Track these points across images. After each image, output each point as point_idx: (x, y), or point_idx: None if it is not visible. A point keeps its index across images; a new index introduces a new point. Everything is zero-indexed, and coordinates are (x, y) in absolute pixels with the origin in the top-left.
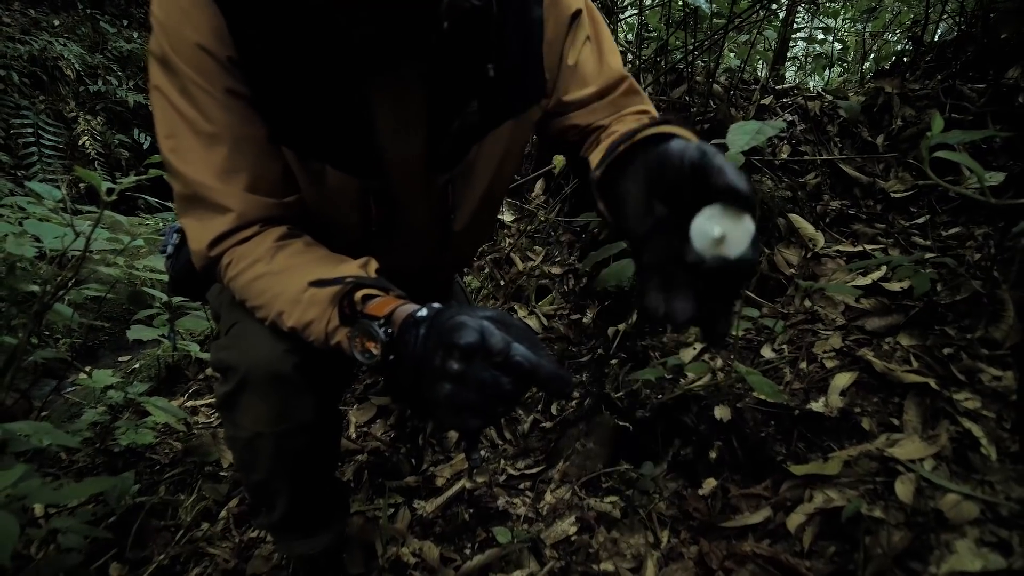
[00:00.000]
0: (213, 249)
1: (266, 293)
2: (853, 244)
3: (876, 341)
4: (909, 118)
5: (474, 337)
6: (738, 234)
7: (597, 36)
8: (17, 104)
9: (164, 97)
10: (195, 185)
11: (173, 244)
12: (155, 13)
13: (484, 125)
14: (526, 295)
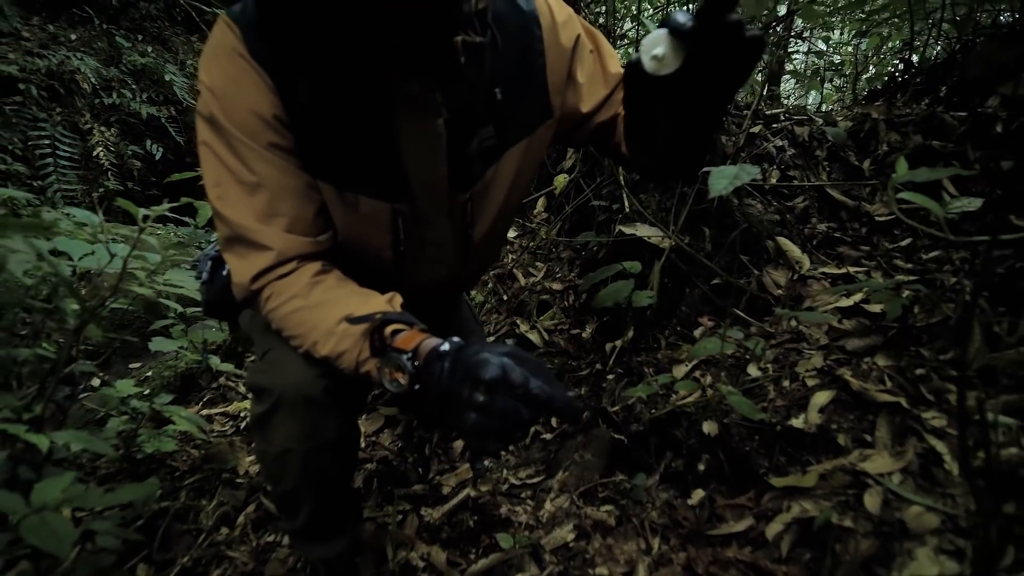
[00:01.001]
0: (255, 283)
1: (303, 325)
2: (838, 266)
3: (855, 361)
4: (894, 143)
5: (497, 372)
6: (673, 56)
7: (598, 47)
8: (35, 117)
9: (212, 152)
10: (238, 227)
11: (207, 270)
12: (203, 79)
13: (500, 147)
14: (528, 310)
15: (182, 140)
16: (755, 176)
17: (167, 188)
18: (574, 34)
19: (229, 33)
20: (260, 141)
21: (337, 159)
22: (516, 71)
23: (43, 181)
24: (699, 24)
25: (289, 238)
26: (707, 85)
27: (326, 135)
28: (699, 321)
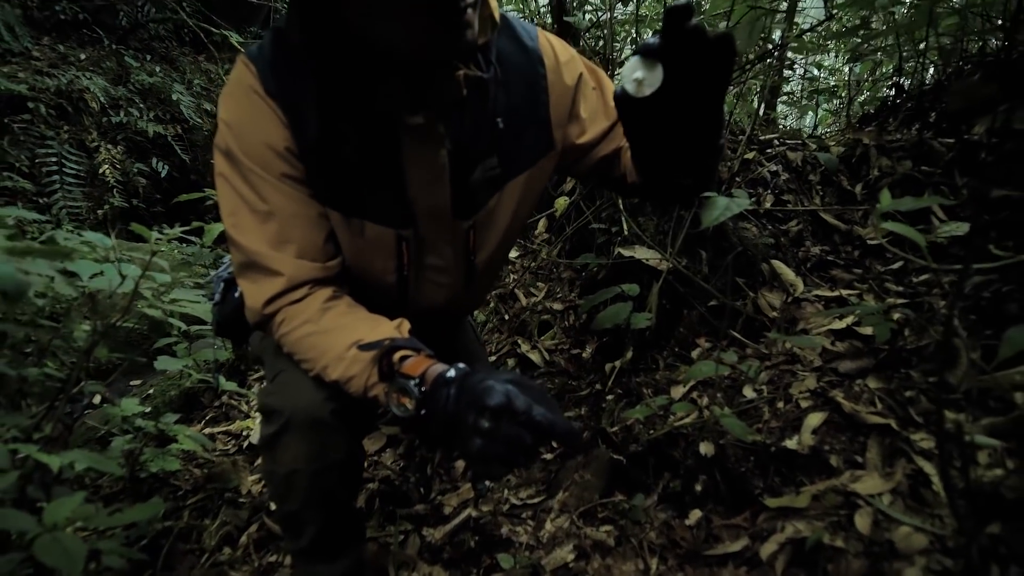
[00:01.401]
0: (267, 307)
1: (314, 350)
2: (831, 289)
3: (847, 383)
4: (885, 168)
5: (502, 400)
6: (652, 76)
7: (600, 84)
8: (43, 135)
9: (228, 183)
10: (252, 253)
11: (220, 292)
12: (222, 115)
13: (503, 177)
14: (529, 330)
15: (187, 158)
16: (745, 207)
17: (172, 206)
18: (576, 72)
19: (247, 72)
20: (273, 172)
21: (344, 188)
22: (520, 105)
23: (49, 198)
24: (664, 40)
25: (300, 263)
26: (694, 91)
27: (334, 165)
28: (696, 342)
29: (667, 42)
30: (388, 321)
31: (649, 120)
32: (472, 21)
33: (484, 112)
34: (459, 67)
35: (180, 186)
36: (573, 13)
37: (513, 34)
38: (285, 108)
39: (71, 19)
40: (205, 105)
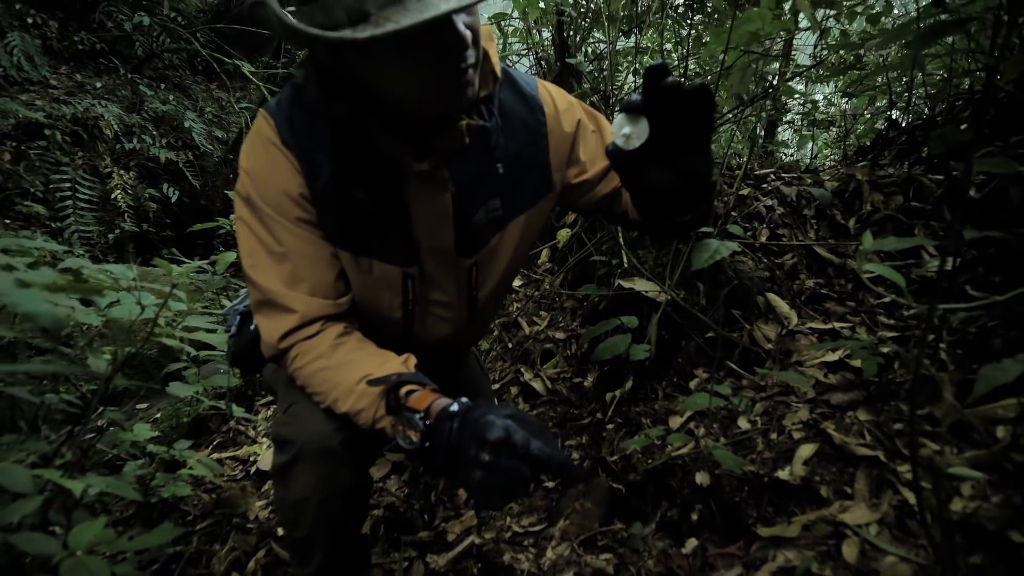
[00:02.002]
0: (282, 342)
1: (326, 383)
2: (824, 322)
3: (839, 414)
4: (877, 203)
5: (501, 434)
6: (638, 130)
7: (599, 127)
8: (58, 160)
9: (247, 226)
10: (267, 291)
11: (235, 325)
12: (243, 164)
13: (505, 217)
14: (532, 358)
15: (197, 184)
16: (734, 249)
17: (182, 232)
18: (575, 118)
19: (266, 125)
20: (288, 216)
21: (354, 229)
22: (521, 150)
23: (61, 223)
24: (645, 97)
25: (312, 301)
26: (680, 140)
27: (345, 208)
28: (694, 373)
29: (648, 98)
30: (396, 357)
31: (642, 169)
32: (472, 80)
33: (486, 158)
34: (462, 118)
35: (190, 211)
36: (574, 54)
37: (514, 86)
38: (300, 157)
39: (89, 49)
40: (216, 132)
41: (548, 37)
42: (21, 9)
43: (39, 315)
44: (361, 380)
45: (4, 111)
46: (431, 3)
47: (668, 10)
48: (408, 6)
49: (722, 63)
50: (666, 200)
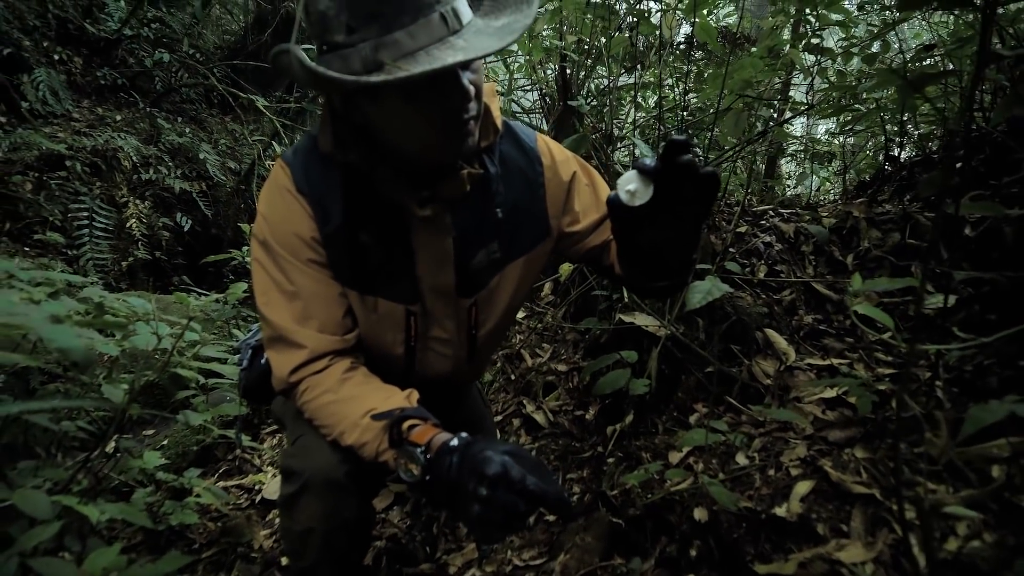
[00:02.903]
0: (292, 376)
1: (332, 417)
2: (823, 358)
3: (836, 451)
4: (875, 240)
5: (499, 469)
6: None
7: (592, 181)
8: (76, 190)
9: (262, 267)
10: (279, 328)
11: (247, 358)
12: (261, 209)
13: (503, 260)
14: (534, 390)
15: (210, 213)
16: (725, 291)
17: (193, 260)
18: (571, 171)
19: (283, 173)
20: (300, 258)
21: (361, 269)
22: (519, 198)
23: (78, 251)
24: (660, 164)
25: (321, 337)
26: (677, 212)
27: (353, 249)
28: (694, 407)
29: (663, 167)
30: (400, 392)
31: (634, 227)
32: (473, 131)
33: (486, 204)
34: (464, 167)
35: (201, 240)
36: (576, 96)
37: (515, 138)
38: (313, 203)
39: (111, 84)
40: (229, 163)
41: (552, 73)
42: (48, 47)
43: (72, 350)
44: (366, 414)
45: (28, 143)
46: (439, 57)
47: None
48: (418, 59)
49: (717, 106)
50: (647, 261)
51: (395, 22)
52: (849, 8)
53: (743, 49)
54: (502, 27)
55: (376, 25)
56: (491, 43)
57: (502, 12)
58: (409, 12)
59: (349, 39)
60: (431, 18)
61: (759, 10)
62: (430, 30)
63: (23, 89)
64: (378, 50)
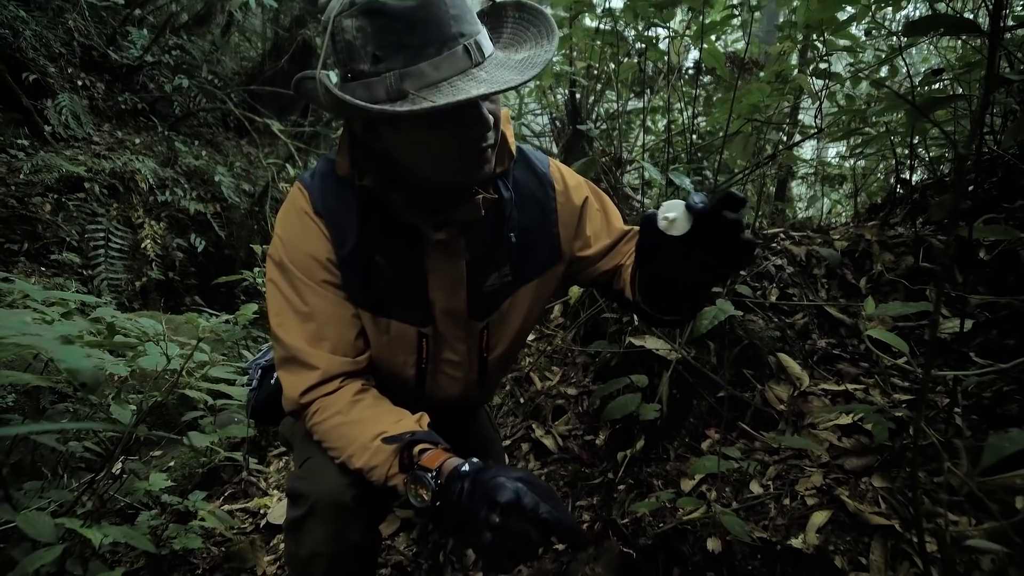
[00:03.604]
0: (303, 397)
1: (342, 439)
2: (838, 383)
3: (853, 480)
4: (888, 263)
5: (512, 496)
6: (682, 223)
7: (603, 207)
8: (94, 211)
9: (277, 288)
10: (292, 349)
11: (256, 378)
12: (277, 231)
13: (515, 283)
14: (543, 414)
15: (223, 234)
16: (731, 312)
17: (205, 280)
18: (583, 196)
19: (300, 196)
20: (315, 279)
21: (374, 290)
22: (532, 222)
23: (93, 271)
24: (709, 207)
25: (333, 359)
26: (701, 261)
27: (367, 271)
28: (706, 433)
29: (709, 211)
30: (410, 415)
31: (657, 253)
32: (490, 158)
33: (500, 228)
34: (479, 191)
35: (214, 260)
36: (585, 120)
37: (528, 163)
38: (329, 225)
39: (131, 108)
40: (244, 185)
41: (562, 98)
42: (73, 73)
43: (81, 371)
44: (376, 437)
45: (49, 165)
46: (463, 89)
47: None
48: (442, 90)
49: (726, 129)
50: (657, 290)
51: (421, 54)
52: (856, 33)
53: (751, 74)
54: (523, 61)
55: (402, 56)
56: (513, 77)
57: (522, 46)
58: (434, 44)
59: (375, 68)
60: (455, 51)
61: (767, 36)
62: (454, 62)
63: (46, 113)
64: (403, 80)
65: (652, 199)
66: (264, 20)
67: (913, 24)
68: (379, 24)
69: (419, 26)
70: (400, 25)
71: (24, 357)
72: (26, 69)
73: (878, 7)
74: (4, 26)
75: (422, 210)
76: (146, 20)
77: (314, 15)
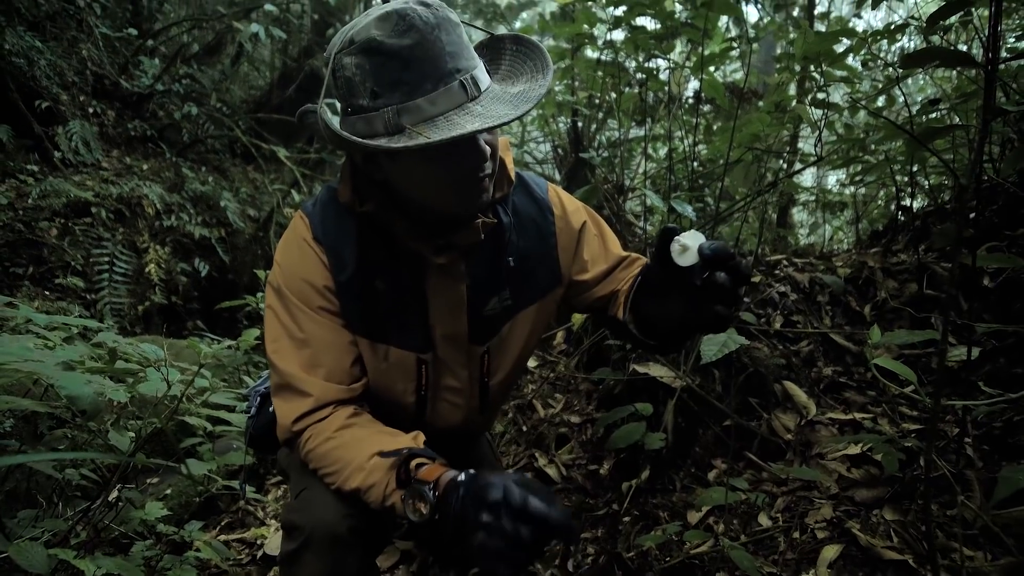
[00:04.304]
0: (295, 425)
1: (337, 462)
2: (845, 412)
3: (864, 513)
4: (892, 290)
5: (499, 493)
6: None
7: (601, 232)
8: (99, 236)
9: (275, 314)
10: (287, 375)
11: (255, 406)
12: (277, 258)
13: (515, 307)
14: (547, 442)
15: (227, 259)
16: (742, 343)
17: (208, 304)
18: (581, 220)
19: (301, 224)
20: (311, 305)
21: (373, 316)
22: (531, 247)
23: (96, 295)
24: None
25: (327, 386)
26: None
27: (366, 296)
28: (713, 463)
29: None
30: (405, 434)
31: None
32: (488, 187)
33: (499, 253)
34: (479, 216)
35: (218, 285)
36: (587, 148)
37: (527, 189)
38: (329, 252)
39: (140, 135)
40: (249, 211)
41: (564, 126)
42: (84, 100)
43: (81, 398)
44: (372, 456)
45: (57, 191)
46: (458, 124)
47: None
48: (438, 124)
49: (727, 157)
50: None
51: (417, 90)
52: (853, 64)
53: (750, 104)
54: (518, 94)
55: (399, 92)
56: (507, 111)
57: (518, 79)
58: (431, 80)
59: (373, 103)
60: (451, 86)
61: (765, 67)
62: (450, 97)
63: (57, 140)
64: (400, 115)
65: (654, 225)
66: (273, 50)
67: (910, 57)
68: (377, 62)
69: (415, 63)
70: (396, 63)
71: (23, 382)
72: (39, 97)
73: (874, 40)
74: (20, 55)
75: (423, 235)
76: (158, 50)
77: (322, 46)
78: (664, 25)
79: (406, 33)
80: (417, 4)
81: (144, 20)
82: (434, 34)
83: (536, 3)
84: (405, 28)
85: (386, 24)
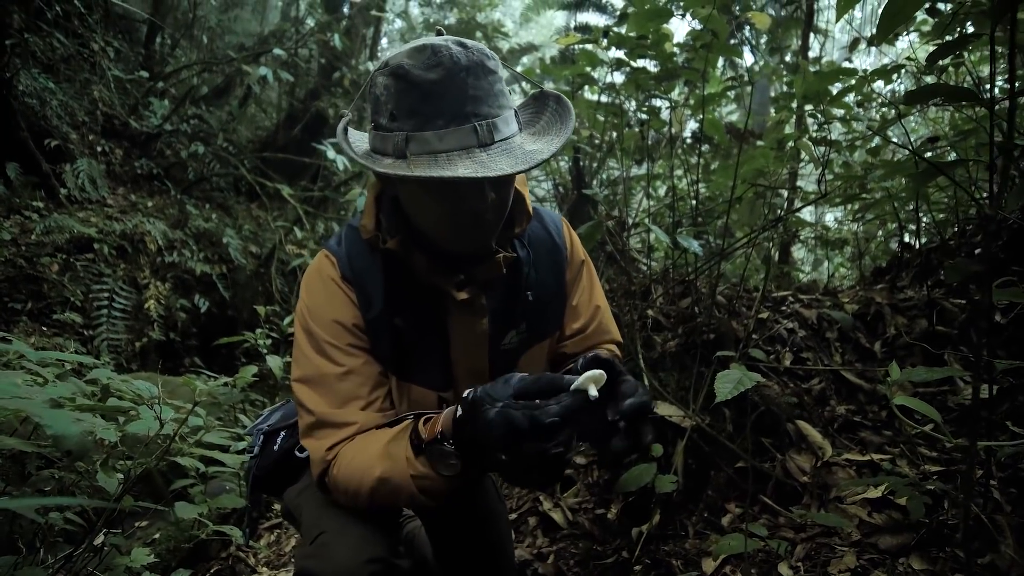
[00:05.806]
0: (328, 454)
1: (359, 466)
2: (862, 452)
3: (889, 561)
4: (902, 326)
5: (503, 430)
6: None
7: (591, 283)
8: (100, 272)
9: (303, 354)
10: (321, 415)
11: (259, 444)
12: (303, 298)
13: (529, 340)
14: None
15: (228, 295)
16: (758, 381)
17: (206, 341)
18: (580, 260)
19: (327, 263)
20: (342, 342)
21: (397, 354)
22: (546, 281)
23: (93, 331)
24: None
25: (364, 415)
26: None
27: (390, 333)
28: (726, 507)
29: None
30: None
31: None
32: (491, 228)
33: (518, 286)
34: (499, 251)
35: (217, 321)
36: (589, 184)
37: (543, 223)
38: (357, 289)
39: (146, 173)
40: (251, 247)
41: (565, 165)
42: (93, 139)
43: (68, 438)
44: (387, 443)
45: (61, 227)
46: (454, 166)
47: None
48: (438, 160)
49: (732, 194)
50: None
51: (429, 123)
52: (849, 103)
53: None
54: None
55: (413, 120)
56: (505, 167)
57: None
58: (444, 117)
59: (390, 124)
60: (464, 127)
61: (760, 108)
62: (459, 137)
63: (64, 177)
64: (408, 142)
65: (658, 261)
66: (280, 92)
67: (914, 93)
68: (401, 87)
69: (434, 98)
70: (417, 93)
71: (11, 421)
72: (49, 136)
73: (871, 80)
74: (32, 96)
75: (443, 270)
76: (168, 92)
77: (328, 88)
78: (663, 67)
79: (433, 68)
80: (455, 44)
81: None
82: (461, 75)
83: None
84: (434, 63)
85: (419, 55)
